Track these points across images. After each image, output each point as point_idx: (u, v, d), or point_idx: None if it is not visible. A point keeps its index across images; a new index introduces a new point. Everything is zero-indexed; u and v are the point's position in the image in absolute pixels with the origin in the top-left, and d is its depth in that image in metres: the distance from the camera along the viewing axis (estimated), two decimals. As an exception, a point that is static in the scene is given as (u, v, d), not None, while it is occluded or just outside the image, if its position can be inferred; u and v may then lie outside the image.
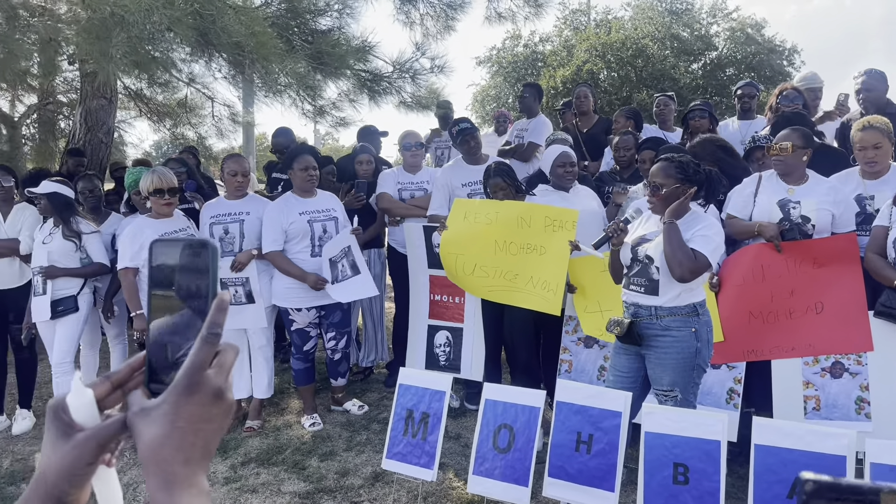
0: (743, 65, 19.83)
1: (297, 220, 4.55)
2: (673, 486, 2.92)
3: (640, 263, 3.29)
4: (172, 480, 0.67)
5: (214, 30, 4.63)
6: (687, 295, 3.22)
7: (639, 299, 3.31)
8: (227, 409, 0.72)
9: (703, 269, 3.14)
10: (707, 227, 3.18)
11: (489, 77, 21.33)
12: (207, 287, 0.74)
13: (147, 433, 0.68)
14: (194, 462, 0.69)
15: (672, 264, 3.11)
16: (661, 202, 3.24)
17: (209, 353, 0.70)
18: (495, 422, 3.38)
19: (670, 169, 3.21)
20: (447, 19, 7.62)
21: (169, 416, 0.68)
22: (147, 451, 0.68)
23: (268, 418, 4.87)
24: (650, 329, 3.27)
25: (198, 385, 0.69)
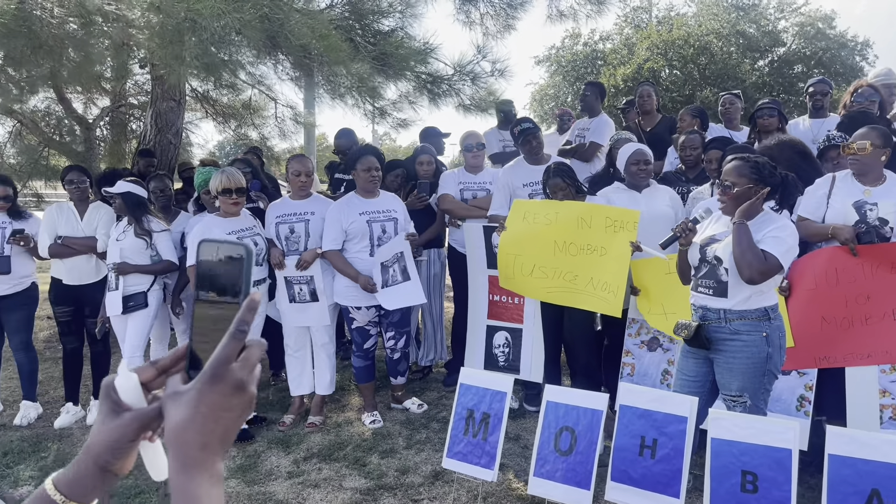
0: (812, 61, 19.20)
1: (356, 220, 4.61)
2: (741, 495, 2.85)
3: (709, 264, 3.22)
4: (190, 463, 0.73)
5: (282, 33, 4.72)
6: (758, 298, 3.13)
7: (707, 302, 3.24)
8: (247, 400, 0.77)
9: (774, 272, 3.05)
10: (779, 228, 3.09)
11: (548, 76, 21.19)
12: (241, 286, 0.80)
13: (173, 415, 0.75)
14: (211, 448, 0.74)
15: (741, 265, 3.03)
16: (732, 202, 3.16)
17: (235, 347, 0.76)
18: (557, 424, 3.36)
19: (744, 168, 3.13)
20: (507, 18, 7.59)
21: (193, 401, 0.74)
22: (171, 433, 0.74)
23: (329, 415, 4.94)
24: (718, 333, 3.20)
25: (221, 376, 0.75)
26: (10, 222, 4.99)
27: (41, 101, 9.42)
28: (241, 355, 0.77)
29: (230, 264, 0.81)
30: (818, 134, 5.34)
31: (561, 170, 4.37)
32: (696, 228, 3.31)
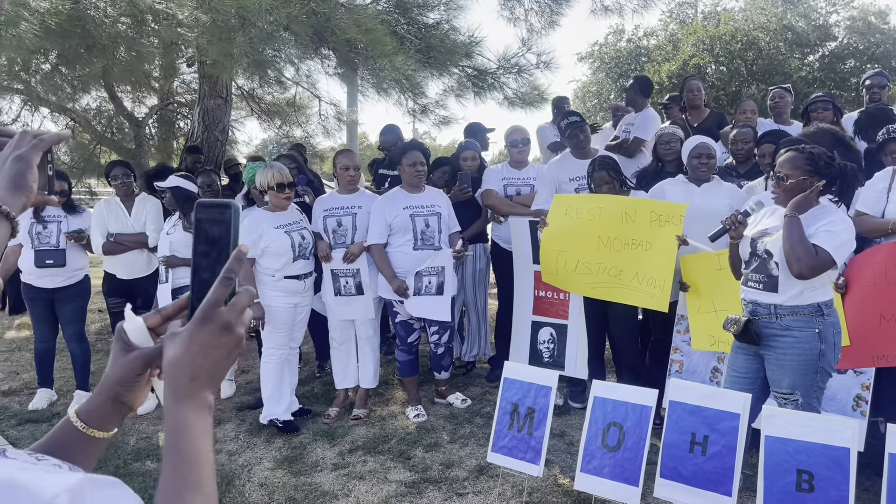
0: (865, 56, 18.67)
1: (400, 213, 4.63)
2: (796, 494, 2.78)
3: (759, 258, 3.15)
4: (180, 391, 0.83)
5: (329, 27, 4.76)
6: (810, 293, 3.05)
7: (757, 296, 3.17)
8: (234, 341, 0.86)
9: (825, 267, 2.96)
10: (834, 222, 3.00)
11: (591, 73, 20.99)
12: (229, 241, 0.90)
13: (170, 352, 0.85)
14: (200, 380, 0.84)
15: (790, 259, 2.96)
16: (786, 194, 3.08)
17: (224, 292, 0.86)
18: (604, 419, 3.32)
19: (799, 160, 3.05)
20: (552, 14, 7.55)
21: (186, 340, 0.84)
22: (166, 367, 0.85)
23: (373, 408, 4.97)
24: (769, 328, 3.13)
25: (211, 318, 0.85)
26: (66, 216, 5.12)
27: (93, 99, 9.68)
28: (231, 300, 0.87)
29: (221, 220, 0.91)
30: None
31: (606, 163, 4.32)
32: (746, 221, 3.24)
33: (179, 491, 0.78)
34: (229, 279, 0.86)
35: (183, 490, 0.78)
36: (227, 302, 0.87)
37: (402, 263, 4.64)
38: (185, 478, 0.79)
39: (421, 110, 7.20)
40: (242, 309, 0.88)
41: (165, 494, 0.77)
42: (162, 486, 0.78)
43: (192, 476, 0.79)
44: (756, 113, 5.75)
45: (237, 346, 0.87)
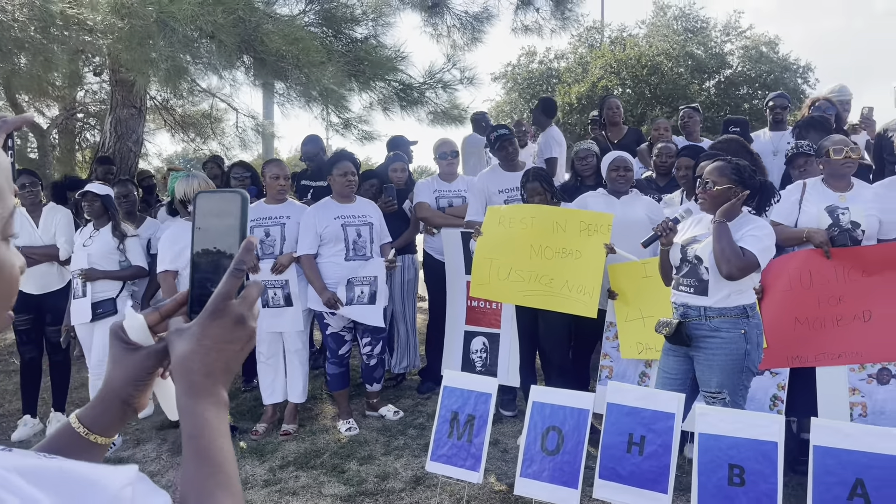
0: (757, 83, 19.84)
1: (331, 224, 4.60)
2: (728, 488, 2.91)
3: (690, 264, 3.30)
4: (195, 389, 0.80)
5: (257, 36, 4.68)
6: (737, 296, 3.22)
7: (688, 300, 3.31)
8: (247, 334, 0.84)
9: (752, 268, 3.14)
10: (758, 227, 3.19)
11: (504, 93, 21.42)
12: (237, 231, 0.88)
13: (179, 348, 0.81)
14: (215, 375, 0.81)
15: (720, 262, 3.12)
16: (711, 200, 3.25)
17: (235, 285, 0.83)
18: (543, 424, 3.38)
19: (726, 169, 3.23)
20: (474, 31, 7.69)
21: (197, 335, 0.81)
22: (177, 364, 0.81)
23: (302, 423, 4.87)
24: (699, 330, 3.27)
25: (222, 311, 0.82)
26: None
27: (-6, 106, 9.14)
28: (241, 293, 0.84)
29: (227, 211, 0.88)
30: (778, 145, 5.56)
31: (539, 174, 4.43)
32: (676, 228, 3.39)
33: (211, 490, 0.75)
34: (241, 271, 0.84)
35: (214, 489, 0.76)
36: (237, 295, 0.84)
37: (333, 274, 4.59)
38: (214, 476, 0.77)
39: (344, 125, 7.16)
40: (253, 302, 0.86)
41: (196, 494, 0.75)
42: (190, 486, 0.76)
43: (221, 476, 0.77)
44: (669, 130, 6.03)
45: (250, 340, 0.85)
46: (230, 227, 0.88)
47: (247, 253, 0.85)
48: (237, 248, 0.86)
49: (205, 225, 0.90)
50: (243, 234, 0.88)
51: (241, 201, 0.88)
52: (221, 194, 0.90)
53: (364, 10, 5.78)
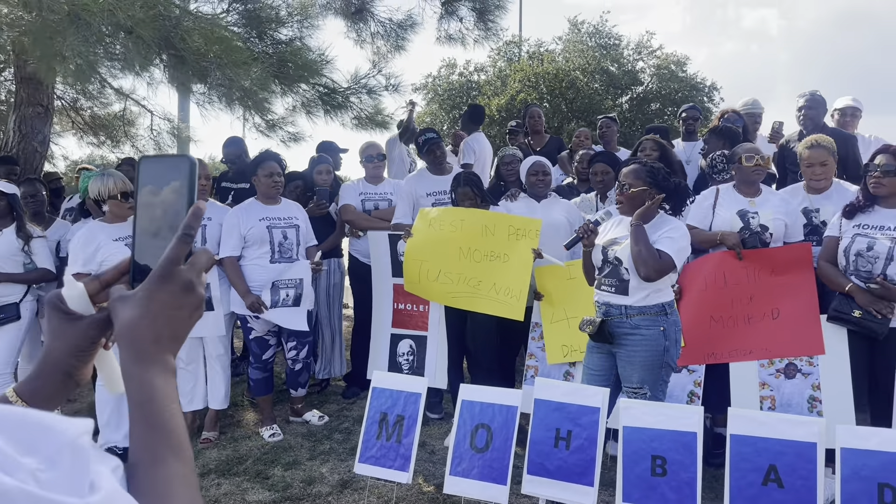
0: (667, 100, 20.69)
1: (256, 225, 4.52)
2: (651, 479, 3.01)
3: (611, 265, 3.42)
4: (143, 355, 0.77)
5: (177, 33, 4.55)
6: (656, 295, 3.35)
7: (610, 299, 3.42)
8: (196, 301, 0.82)
9: (668, 269, 3.27)
10: (673, 229, 3.33)
11: (424, 104, 21.56)
12: (185, 197, 0.85)
13: (124, 314, 0.78)
14: (163, 342, 0.79)
15: (638, 264, 3.24)
16: (628, 202, 3.38)
17: (183, 250, 0.80)
18: (472, 422, 3.41)
19: (641, 172, 3.37)
20: (398, 39, 7.72)
21: (144, 300, 0.78)
22: (123, 330, 0.78)
23: (223, 430, 4.73)
24: (620, 328, 3.38)
25: (171, 276, 0.79)
26: None
27: None
28: (190, 259, 0.82)
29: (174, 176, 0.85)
30: (690, 154, 5.82)
31: (471, 179, 4.49)
32: (597, 230, 3.50)
33: (163, 456, 0.73)
34: (189, 236, 0.81)
35: (166, 455, 0.73)
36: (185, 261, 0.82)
37: (258, 277, 4.50)
38: (167, 441, 0.74)
39: (268, 126, 7.04)
40: (202, 268, 0.84)
41: (147, 460, 0.73)
42: (141, 451, 0.73)
43: (172, 440, 0.75)
44: (590, 139, 6.23)
45: (198, 308, 0.83)
46: (178, 192, 0.85)
47: (195, 218, 0.82)
48: (185, 213, 0.83)
49: (148, 190, 0.86)
50: (191, 199, 0.85)
51: (190, 166, 0.85)
52: (168, 159, 0.88)
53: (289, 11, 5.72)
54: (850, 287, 3.53)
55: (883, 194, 3.53)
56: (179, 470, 0.74)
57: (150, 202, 0.86)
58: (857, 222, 3.59)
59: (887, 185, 3.49)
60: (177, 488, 0.73)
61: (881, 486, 2.68)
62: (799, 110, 5.01)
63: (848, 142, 4.78)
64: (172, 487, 0.72)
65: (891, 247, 3.44)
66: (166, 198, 0.86)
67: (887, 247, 3.44)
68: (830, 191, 4.08)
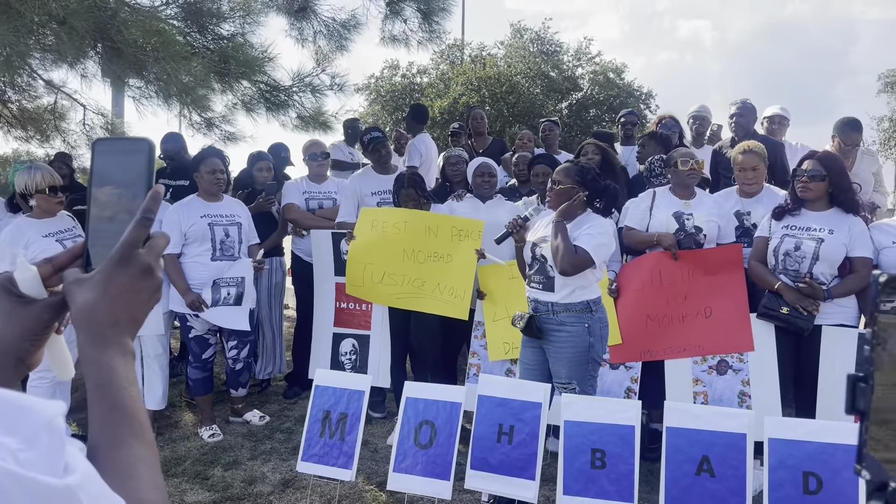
0: (605, 106, 21.19)
1: (197, 222, 4.45)
2: (591, 471, 3.09)
3: (539, 262, 3.50)
4: (101, 338, 0.77)
5: (115, 24, 4.43)
6: (581, 292, 3.44)
7: (538, 295, 3.51)
8: (155, 285, 0.82)
9: (585, 265, 3.33)
10: (594, 226, 3.42)
11: (367, 105, 21.51)
12: (143, 180, 0.84)
13: (81, 298, 0.78)
14: (121, 325, 0.79)
15: (555, 258, 3.33)
16: (556, 198, 3.47)
17: (141, 233, 0.80)
18: (416, 419, 3.43)
19: (571, 171, 3.48)
20: (341, 38, 7.67)
21: (102, 283, 0.78)
22: (80, 313, 0.78)
23: (161, 431, 4.63)
24: (548, 324, 3.46)
25: (129, 259, 0.79)
26: None
27: None
28: (148, 242, 0.81)
29: (132, 159, 0.85)
30: (628, 158, 5.97)
31: (414, 181, 4.50)
32: (527, 225, 3.56)
33: (123, 437, 0.73)
34: (148, 220, 0.80)
35: (127, 436, 0.73)
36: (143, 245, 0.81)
37: (199, 275, 4.43)
38: (128, 423, 0.74)
39: (206, 124, 6.90)
40: (160, 252, 0.84)
41: (108, 443, 0.73)
42: (102, 434, 0.73)
43: (133, 423, 0.75)
44: (532, 141, 6.34)
45: (157, 291, 0.83)
46: (135, 176, 0.85)
47: (154, 202, 0.82)
48: (142, 197, 0.82)
49: (103, 174, 0.86)
50: (149, 183, 0.84)
51: (148, 148, 0.85)
52: (125, 141, 0.88)
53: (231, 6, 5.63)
54: (779, 285, 3.70)
55: (810, 198, 3.71)
56: (141, 451, 0.74)
57: (105, 185, 0.86)
58: (786, 223, 3.76)
59: (813, 189, 3.66)
60: (140, 469, 0.73)
61: (806, 475, 2.82)
62: (731, 118, 5.21)
63: (776, 148, 4.99)
64: (135, 469, 0.73)
65: (816, 247, 3.62)
66: (122, 181, 0.85)
67: (813, 247, 3.62)
68: (761, 195, 4.26)
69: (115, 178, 0.85)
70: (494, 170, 4.74)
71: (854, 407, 0.61)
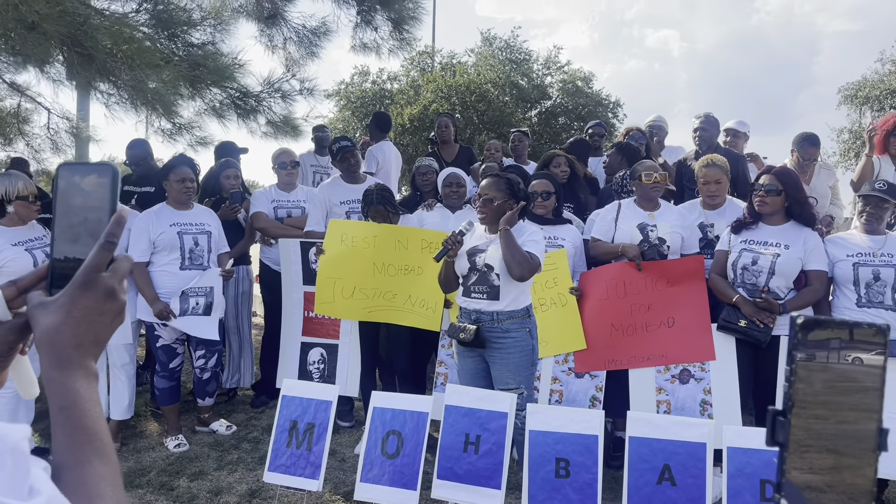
0: (573, 114, 21.39)
1: (166, 231, 4.43)
2: (555, 480, 3.15)
3: (479, 272, 3.55)
4: (65, 361, 0.79)
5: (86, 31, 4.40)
6: (521, 298, 3.54)
7: (481, 306, 3.56)
8: (118, 307, 0.84)
9: (537, 269, 3.49)
10: (533, 233, 3.57)
11: (337, 111, 21.44)
12: (107, 205, 0.87)
13: (44, 321, 0.80)
14: (84, 348, 0.80)
15: (512, 266, 3.39)
16: (492, 213, 3.55)
17: (105, 257, 0.82)
18: (384, 428, 3.46)
19: (501, 184, 3.58)
20: (311, 45, 7.68)
21: (65, 307, 0.80)
22: (44, 336, 0.79)
23: (125, 441, 4.59)
24: (492, 333, 3.53)
25: (93, 283, 0.81)
26: None
27: None
28: (111, 265, 0.83)
29: (96, 183, 0.87)
30: (596, 169, 6.08)
31: (384, 197, 4.50)
32: (462, 240, 3.62)
33: (88, 458, 0.76)
34: (112, 244, 0.83)
35: (91, 457, 0.76)
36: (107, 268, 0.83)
37: (167, 284, 4.41)
38: (90, 444, 0.77)
39: (175, 129, 6.85)
40: (124, 275, 0.85)
41: (72, 462, 0.75)
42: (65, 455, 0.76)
43: (96, 443, 0.77)
44: (500, 151, 6.41)
45: (120, 314, 0.85)
46: (99, 200, 0.87)
47: (117, 226, 0.84)
48: (106, 221, 0.85)
49: (67, 198, 0.88)
50: (113, 208, 0.87)
51: (112, 174, 0.88)
52: (89, 167, 0.89)
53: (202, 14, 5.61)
54: (737, 298, 3.80)
55: (767, 212, 3.82)
56: (105, 471, 0.77)
57: (69, 209, 0.88)
58: (744, 238, 3.87)
59: (770, 204, 3.78)
60: (104, 488, 0.76)
61: (763, 482, 2.91)
62: (695, 131, 5.34)
63: (739, 162, 5.12)
64: (99, 488, 0.75)
65: (772, 261, 3.73)
66: (87, 205, 0.87)
67: (770, 261, 3.73)
68: (724, 207, 4.37)
69: (79, 203, 0.88)
70: (463, 180, 4.79)
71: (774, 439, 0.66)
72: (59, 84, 6.06)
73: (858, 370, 0.67)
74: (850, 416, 0.65)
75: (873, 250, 3.68)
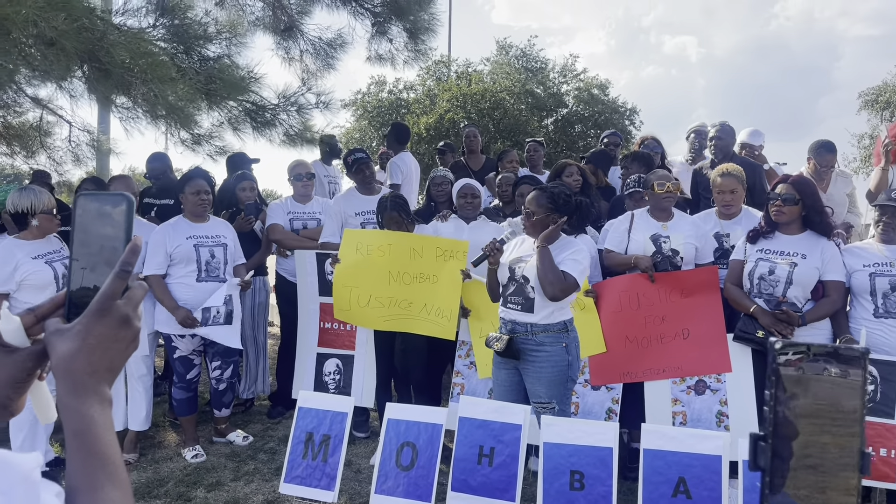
0: (590, 122, 21.35)
1: (182, 243, 4.48)
2: (570, 493, 3.14)
3: (517, 283, 3.55)
4: (80, 388, 0.81)
5: (103, 46, 4.47)
6: (559, 313, 3.51)
7: (516, 316, 3.55)
8: (132, 335, 0.86)
9: (572, 290, 3.44)
10: (576, 252, 3.50)
11: (354, 120, 21.57)
12: (123, 234, 0.89)
13: (61, 348, 0.82)
14: (99, 374, 0.82)
15: (544, 284, 3.38)
16: (533, 227, 3.53)
17: (120, 285, 0.84)
18: (398, 440, 3.47)
19: (542, 198, 3.53)
20: (327, 58, 7.75)
21: (81, 334, 0.82)
22: (60, 363, 0.81)
23: (144, 452, 4.63)
24: (526, 344, 3.52)
25: (108, 311, 0.83)
26: None
27: None
28: (126, 293, 0.85)
29: (112, 213, 0.90)
30: (611, 178, 6.06)
31: (398, 203, 4.53)
32: (503, 248, 3.62)
33: (101, 483, 0.78)
34: (126, 272, 0.85)
35: (104, 482, 0.78)
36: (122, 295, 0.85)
37: (184, 296, 4.45)
38: (104, 469, 0.79)
39: (194, 140, 6.94)
40: (138, 302, 0.88)
41: (85, 487, 0.77)
42: (79, 479, 0.78)
43: (109, 468, 0.79)
44: (518, 162, 6.41)
45: (134, 341, 0.87)
46: (115, 229, 0.90)
47: (132, 254, 0.86)
48: (122, 250, 0.87)
49: (85, 227, 0.90)
50: (128, 236, 0.89)
51: (128, 205, 0.90)
52: (106, 196, 0.92)
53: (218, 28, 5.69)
54: (754, 309, 3.77)
55: (783, 221, 3.79)
56: (117, 496, 0.78)
57: (87, 238, 0.90)
58: (760, 247, 3.84)
59: (787, 213, 3.75)
60: None
61: (779, 496, 2.88)
62: (710, 140, 5.31)
63: (756, 171, 5.08)
64: None
65: (790, 272, 3.69)
66: (103, 234, 0.90)
67: (787, 271, 3.70)
68: (740, 216, 4.34)
69: (96, 231, 0.90)
70: (478, 191, 4.80)
71: (756, 464, 0.66)
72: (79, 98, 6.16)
73: (838, 392, 0.67)
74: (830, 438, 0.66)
75: (890, 260, 3.65)
